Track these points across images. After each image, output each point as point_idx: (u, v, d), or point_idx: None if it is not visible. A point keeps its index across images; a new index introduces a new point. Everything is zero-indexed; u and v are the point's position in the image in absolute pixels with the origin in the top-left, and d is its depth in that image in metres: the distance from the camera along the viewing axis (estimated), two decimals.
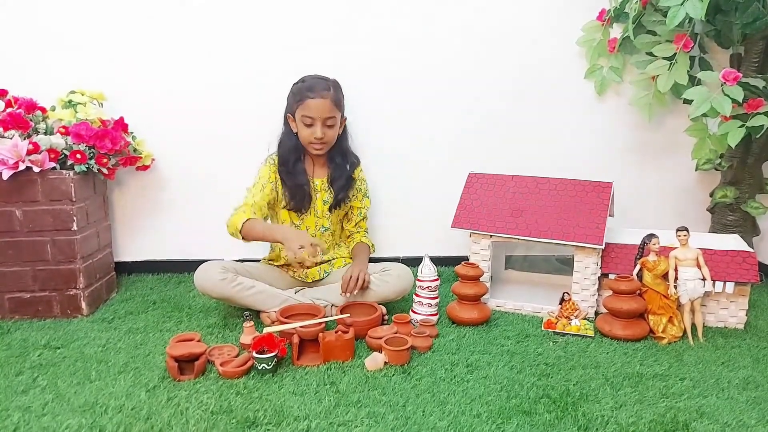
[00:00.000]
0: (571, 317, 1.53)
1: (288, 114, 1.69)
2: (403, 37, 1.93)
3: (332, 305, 1.58)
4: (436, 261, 1.63)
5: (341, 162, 1.72)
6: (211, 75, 1.89)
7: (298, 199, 1.67)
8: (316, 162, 1.73)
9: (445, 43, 1.94)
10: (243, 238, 1.53)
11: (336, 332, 1.33)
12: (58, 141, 1.56)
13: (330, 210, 1.72)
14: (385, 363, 1.29)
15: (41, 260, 1.56)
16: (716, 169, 1.92)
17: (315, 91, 1.60)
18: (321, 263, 1.74)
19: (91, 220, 1.67)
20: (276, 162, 1.69)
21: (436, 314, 1.56)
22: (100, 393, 1.17)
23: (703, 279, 1.45)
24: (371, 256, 1.79)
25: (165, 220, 1.98)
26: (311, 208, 1.70)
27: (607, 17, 1.92)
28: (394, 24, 1.92)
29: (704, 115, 1.66)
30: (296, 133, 1.68)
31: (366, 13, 1.90)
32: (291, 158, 1.67)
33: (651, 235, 1.50)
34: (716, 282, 1.49)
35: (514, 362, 1.32)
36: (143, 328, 1.52)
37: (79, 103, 1.70)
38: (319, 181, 1.71)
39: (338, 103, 1.66)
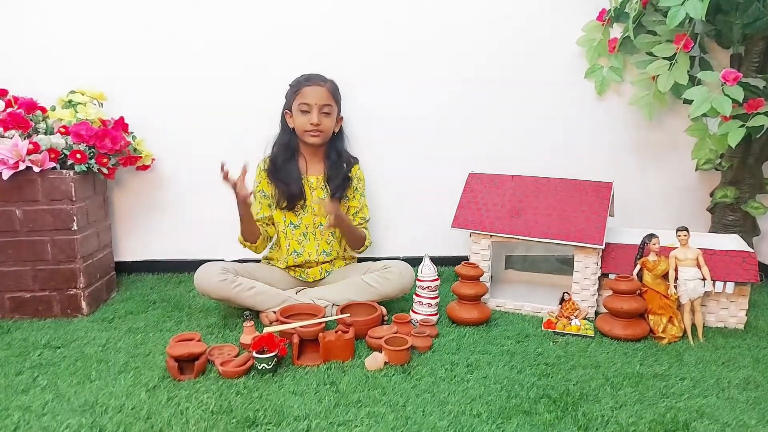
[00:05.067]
0: (571, 317, 1.53)
1: (285, 111, 1.72)
2: (403, 38, 1.93)
3: (332, 305, 1.58)
4: (436, 261, 1.63)
5: (337, 160, 1.73)
6: (212, 75, 1.89)
7: (289, 200, 1.68)
8: (310, 160, 1.73)
9: (445, 44, 1.94)
10: (248, 241, 1.67)
11: (336, 332, 1.33)
12: (58, 141, 1.56)
13: None
14: (385, 363, 1.29)
15: (41, 260, 1.56)
16: (716, 169, 1.92)
17: (312, 80, 1.66)
18: (322, 263, 1.74)
19: (91, 220, 1.67)
20: (266, 164, 1.71)
21: (436, 314, 1.56)
22: (100, 392, 1.17)
23: (703, 279, 1.45)
24: (371, 254, 1.79)
25: (165, 220, 1.98)
26: (308, 206, 1.71)
27: (607, 17, 1.92)
28: (395, 24, 1.92)
29: (704, 115, 1.66)
30: (292, 128, 1.69)
31: (367, 12, 1.90)
32: (283, 156, 1.69)
33: (651, 235, 1.50)
34: (716, 282, 1.49)
35: (514, 362, 1.32)
36: (143, 327, 1.52)
37: (79, 103, 1.70)
38: (314, 179, 1.72)
39: (335, 94, 1.69)
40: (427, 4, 1.91)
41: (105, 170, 1.64)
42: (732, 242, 1.60)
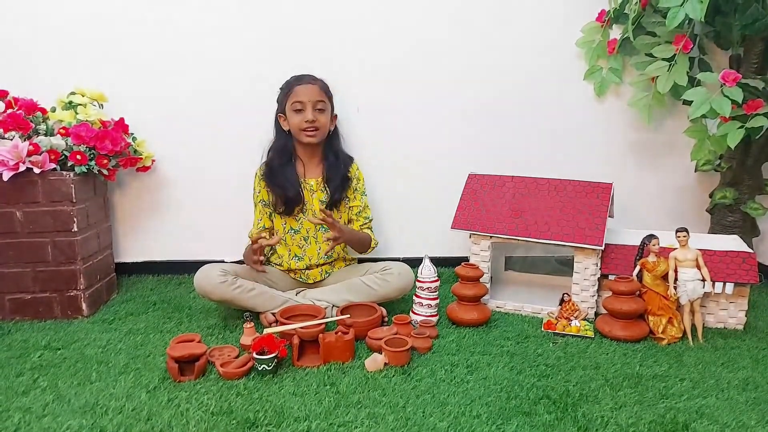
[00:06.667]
0: (571, 318, 1.53)
1: (279, 114, 1.71)
2: (402, 37, 1.93)
3: (332, 306, 1.58)
4: (436, 262, 1.63)
5: (335, 161, 1.73)
6: (212, 76, 1.89)
7: (287, 205, 1.67)
8: (308, 162, 1.73)
9: (444, 44, 1.95)
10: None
11: (336, 333, 1.33)
12: (58, 142, 1.56)
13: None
14: (385, 364, 1.29)
15: (42, 261, 1.56)
16: (715, 170, 1.92)
17: (302, 80, 1.67)
18: (322, 264, 1.74)
19: (91, 221, 1.67)
20: (263, 170, 1.71)
21: (436, 315, 1.56)
22: (101, 394, 1.17)
23: (703, 280, 1.45)
24: (371, 255, 1.79)
25: (165, 221, 1.98)
26: (308, 210, 1.70)
27: (606, 18, 1.92)
28: (393, 24, 1.92)
29: (704, 116, 1.67)
30: (287, 131, 1.69)
31: (364, 14, 1.90)
32: (280, 161, 1.68)
33: (651, 236, 1.50)
34: (716, 283, 1.49)
35: (514, 363, 1.32)
36: (143, 329, 1.52)
37: (80, 104, 1.70)
38: (314, 181, 1.71)
39: (327, 91, 1.70)
40: (427, 6, 1.92)
41: (105, 171, 1.64)
42: (731, 243, 1.61)
